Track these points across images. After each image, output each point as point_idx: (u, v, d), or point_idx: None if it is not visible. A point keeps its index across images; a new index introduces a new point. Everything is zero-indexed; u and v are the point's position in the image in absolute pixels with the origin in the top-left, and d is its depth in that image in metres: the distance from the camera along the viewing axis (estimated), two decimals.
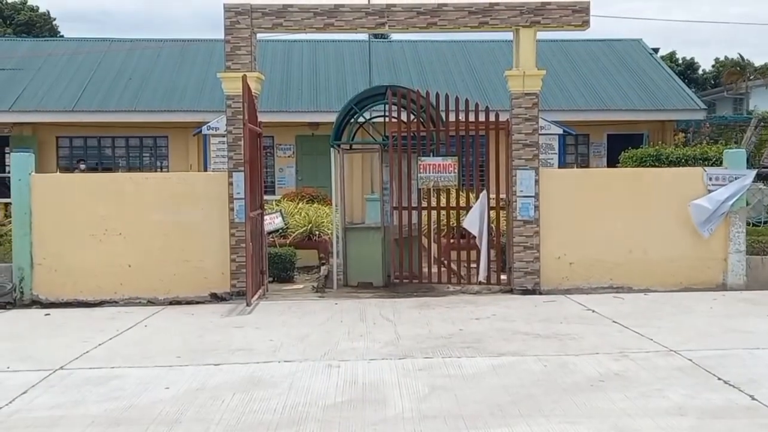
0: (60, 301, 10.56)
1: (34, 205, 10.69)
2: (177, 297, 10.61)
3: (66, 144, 24.17)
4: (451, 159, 11.27)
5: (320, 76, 25.20)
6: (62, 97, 23.11)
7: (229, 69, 10.87)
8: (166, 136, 24.27)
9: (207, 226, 10.81)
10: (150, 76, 24.71)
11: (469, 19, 10.93)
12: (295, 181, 23.65)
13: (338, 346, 7.73)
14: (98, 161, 24.28)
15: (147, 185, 11.01)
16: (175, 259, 10.74)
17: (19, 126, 23.09)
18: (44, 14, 45.69)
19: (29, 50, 26.06)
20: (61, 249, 10.69)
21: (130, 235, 10.75)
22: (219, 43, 26.02)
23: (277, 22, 10.94)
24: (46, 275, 10.66)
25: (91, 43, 27.11)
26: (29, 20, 44.12)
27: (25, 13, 44.52)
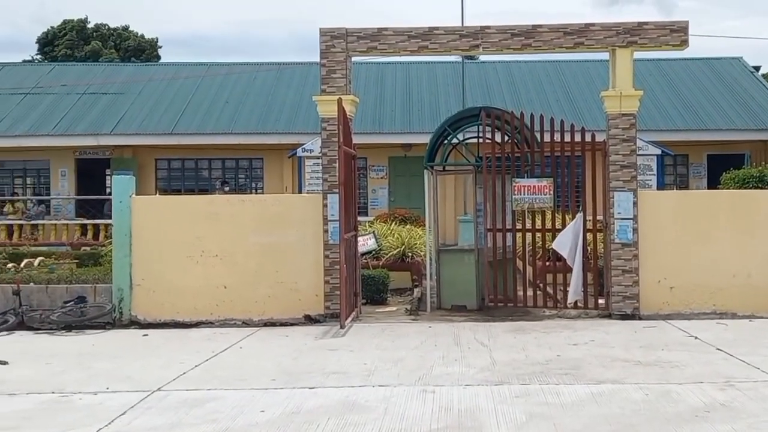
0: (158, 321, 10.74)
1: (134, 226, 10.93)
2: (271, 318, 10.65)
3: (164, 166, 24.92)
4: (547, 180, 11.00)
5: (413, 97, 25.25)
6: (161, 120, 23.87)
7: (325, 92, 10.93)
8: (262, 157, 24.73)
9: (301, 247, 10.84)
10: (246, 99, 25.29)
11: (564, 40, 10.70)
12: (387, 202, 23.67)
13: (433, 370, 7.58)
14: (195, 183, 24.91)
15: (243, 207, 11.13)
16: (269, 280, 10.79)
17: (120, 149, 23.97)
18: (151, 40, 47.66)
19: (131, 75, 27.08)
20: (159, 270, 10.89)
21: (226, 257, 10.87)
22: (314, 65, 26.56)
23: (371, 46, 10.96)
24: (144, 296, 10.87)
25: (190, 67, 27.98)
26: (137, 46, 46.09)
27: (133, 39, 46.52)
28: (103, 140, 23.21)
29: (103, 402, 6.68)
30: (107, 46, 44.57)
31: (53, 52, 44.02)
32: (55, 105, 24.52)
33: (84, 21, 46.00)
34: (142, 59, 42.77)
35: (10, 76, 26.87)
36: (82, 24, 45.70)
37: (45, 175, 24.62)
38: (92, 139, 23.15)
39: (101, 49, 43.21)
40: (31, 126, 23.40)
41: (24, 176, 25.03)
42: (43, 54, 45.19)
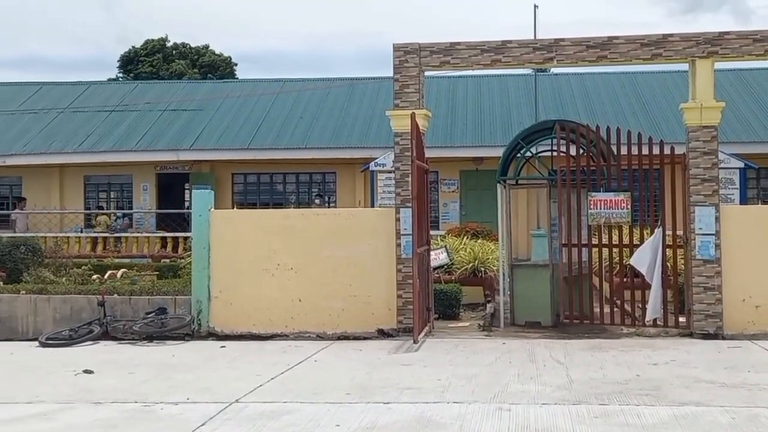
0: (234, 333, 10.94)
1: (212, 239, 11.17)
2: (345, 332, 10.73)
3: (241, 180, 25.42)
4: (624, 194, 10.80)
5: (485, 111, 25.15)
6: (238, 136, 24.39)
7: (398, 107, 10.99)
8: (334, 171, 24.98)
9: (374, 261, 10.89)
10: (319, 114, 25.62)
11: (642, 51, 10.52)
12: (459, 216, 23.58)
13: (508, 388, 7.50)
14: (270, 197, 25.34)
15: (317, 221, 11.26)
16: (343, 294, 10.88)
17: (198, 163, 24.58)
18: (226, 58, 48.91)
19: (209, 92, 27.77)
20: (236, 282, 11.09)
21: (300, 270, 11.00)
22: (385, 80, 26.76)
23: (444, 60, 10.98)
24: (221, 308, 11.09)
25: (265, 84, 28.52)
26: (212, 63, 47.33)
27: (209, 56, 47.80)
28: (182, 155, 23.85)
29: (184, 412, 6.83)
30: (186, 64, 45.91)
31: (135, 71, 45.56)
32: (137, 122, 25.35)
33: (164, 40, 47.49)
34: (217, 76, 43.83)
35: (96, 94, 27.88)
36: (162, 43, 47.20)
37: (128, 189, 25.42)
38: (172, 154, 23.82)
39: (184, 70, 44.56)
40: (115, 142, 24.23)
41: (108, 190, 25.85)
42: (126, 72, 46.79)
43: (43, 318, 11.13)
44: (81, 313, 11.05)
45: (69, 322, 10.95)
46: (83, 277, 12.88)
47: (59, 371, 8.65)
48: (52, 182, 24.80)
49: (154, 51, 46.60)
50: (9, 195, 25.36)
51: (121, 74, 47.12)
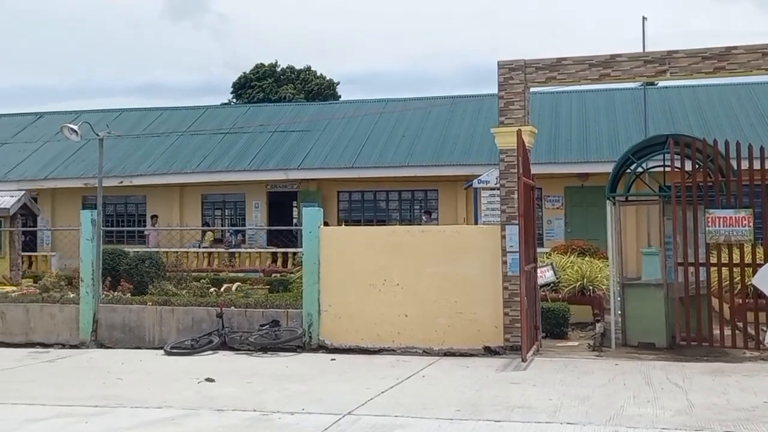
0: (343, 346, 11.19)
1: (321, 255, 11.49)
2: (451, 348, 10.80)
3: (346, 198, 25.94)
4: (745, 212, 10.42)
5: (590, 126, 24.77)
6: (343, 155, 24.91)
7: (503, 124, 11.04)
8: (436, 189, 25.14)
9: (480, 278, 10.93)
10: (421, 133, 25.85)
11: (763, 61, 10.17)
12: (563, 233, 23.27)
13: (624, 411, 7.35)
14: (374, 214, 25.72)
15: (423, 238, 11.40)
16: (449, 310, 10.96)
17: (306, 182, 25.26)
18: (330, 80, 50.14)
19: (315, 114, 28.51)
20: (344, 297, 11.36)
21: (407, 286, 11.16)
22: (486, 98, 26.77)
23: (550, 76, 10.97)
24: (331, 322, 11.37)
25: (369, 104, 29.03)
26: (318, 86, 48.61)
27: (313, 79, 49.09)
28: (291, 174, 24.59)
29: (300, 422, 7.07)
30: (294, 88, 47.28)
31: (247, 95, 47.24)
32: (249, 143, 26.31)
33: (275, 65, 49.11)
34: (322, 98, 44.89)
35: (212, 118, 29.13)
36: (273, 68, 48.80)
37: (241, 207, 26.39)
38: (282, 173, 24.59)
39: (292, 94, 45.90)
40: (229, 163, 25.24)
41: (223, 208, 26.93)
42: (238, 97, 48.59)
43: (168, 328, 11.73)
44: (201, 324, 11.59)
45: (190, 332, 11.51)
46: (202, 289, 13.47)
47: (184, 379, 9.12)
48: (173, 200, 26.09)
49: (265, 76, 48.22)
50: (135, 213, 26.79)
51: (234, 98, 48.94)
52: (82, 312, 12.13)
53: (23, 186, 23.19)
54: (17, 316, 12.40)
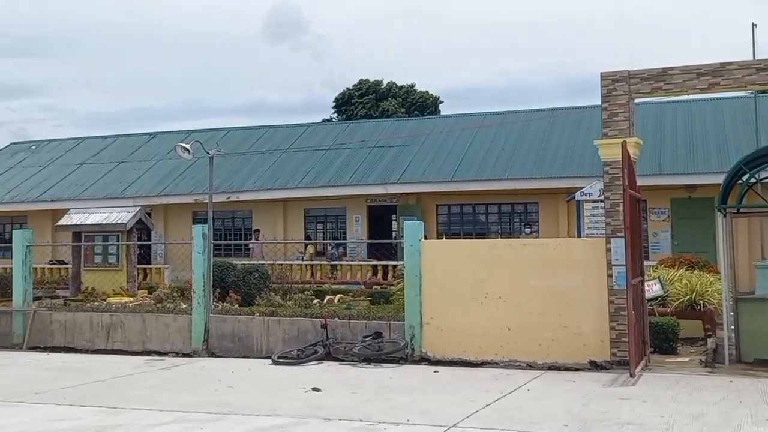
0: (446, 359, 11.25)
1: (423, 268, 11.61)
2: (555, 362, 10.71)
3: (444, 211, 26.03)
4: None
5: (696, 136, 24.04)
6: (442, 169, 25.03)
7: (606, 136, 10.90)
8: (536, 202, 24.91)
9: (584, 292, 10.81)
10: (520, 146, 25.70)
11: None
12: (670, 246, 22.62)
13: (741, 429, 7.15)
14: (473, 227, 25.70)
15: (524, 251, 11.36)
16: (552, 324, 10.87)
17: (405, 196, 25.50)
18: (432, 96, 50.59)
19: (414, 128, 28.77)
20: (445, 310, 11.43)
21: (509, 299, 11.14)
22: (586, 110, 26.40)
23: (656, 86, 10.77)
24: (433, 334, 11.46)
25: (467, 118, 29.07)
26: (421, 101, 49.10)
27: (417, 95, 49.61)
28: (390, 188, 24.90)
29: None
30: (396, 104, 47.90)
31: (349, 111, 48.12)
32: (350, 158, 26.81)
33: (379, 82, 49.90)
34: (423, 113, 45.22)
35: (313, 135, 29.84)
36: (376, 84, 49.59)
37: (342, 220, 26.90)
38: (381, 188, 24.94)
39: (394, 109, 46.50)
40: (330, 178, 25.79)
41: (324, 222, 27.50)
42: (339, 113, 49.57)
43: (274, 338, 12.11)
44: (306, 335, 11.91)
45: (296, 343, 11.83)
46: (305, 301, 13.81)
47: (291, 388, 9.40)
48: (277, 215, 26.86)
49: (368, 92, 49.03)
50: (242, 227, 27.68)
51: (336, 114, 49.95)
52: (195, 322, 12.65)
53: (138, 202, 24.40)
54: (135, 325, 13.05)
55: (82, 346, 13.31)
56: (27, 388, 9.74)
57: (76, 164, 30.67)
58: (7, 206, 28.04)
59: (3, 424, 7.73)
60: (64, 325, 13.52)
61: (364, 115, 44.99)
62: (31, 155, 32.67)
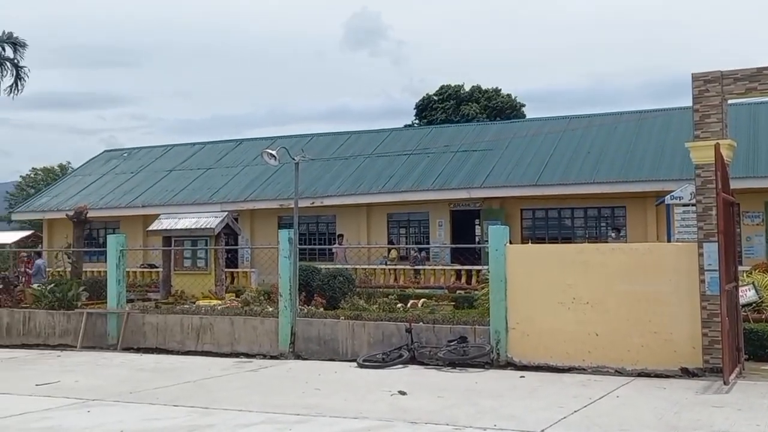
0: (531, 364, 11.14)
1: (508, 273, 11.52)
2: (645, 369, 10.47)
3: (529, 216, 25.75)
4: None
5: None
6: (526, 173, 24.79)
7: (698, 138, 10.62)
8: (624, 206, 24.40)
9: (675, 297, 10.54)
10: (607, 149, 25.23)
11: None
12: (764, 250, 21.80)
13: None
14: (558, 231, 25.34)
15: (612, 255, 11.16)
16: (641, 330, 10.64)
17: (489, 200, 25.36)
18: (514, 99, 50.21)
19: (497, 133, 28.57)
20: (531, 314, 11.32)
21: (596, 304, 10.95)
22: (675, 112, 25.75)
23: (750, 87, 10.44)
24: (518, 339, 11.36)
25: (552, 122, 28.70)
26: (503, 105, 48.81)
27: (499, 99, 49.32)
28: (474, 193, 24.85)
29: None
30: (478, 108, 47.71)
31: (429, 117, 48.17)
32: (433, 163, 26.84)
33: (459, 87, 49.83)
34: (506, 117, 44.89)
35: (396, 140, 30.02)
36: (457, 89, 49.53)
37: (425, 225, 26.95)
38: (465, 192, 24.92)
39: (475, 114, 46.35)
40: (413, 183, 25.90)
41: (407, 226, 27.66)
42: (420, 118, 49.70)
43: (359, 341, 12.22)
44: (391, 338, 11.98)
45: (381, 346, 11.92)
46: (389, 305, 13.90)
47: (377, 391, 9.48)
48: (360, 219, 27.13)
49: (449, 97, 48.99)
50: (326, 231, 28.09)
51: (417, 120, 50.11)
52: (281, 325, 12.89)
53: (226, 207, 25.01)
54: (224, 327, 13.38)
55: (173, 347, 13.71)
56: (122, 388, 10.11)
57: (165, 171, 31.69)
58: (101, 212, 29.12)
59: (101, 422, 8.04)
60: (156, 327, 13.97)
61: (445, 120, 44.93)
62: (123, 162, 33.92)
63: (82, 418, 8.32)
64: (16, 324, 15.21)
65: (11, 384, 10.61)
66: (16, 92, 20.24)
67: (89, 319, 14.54)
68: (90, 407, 8.88)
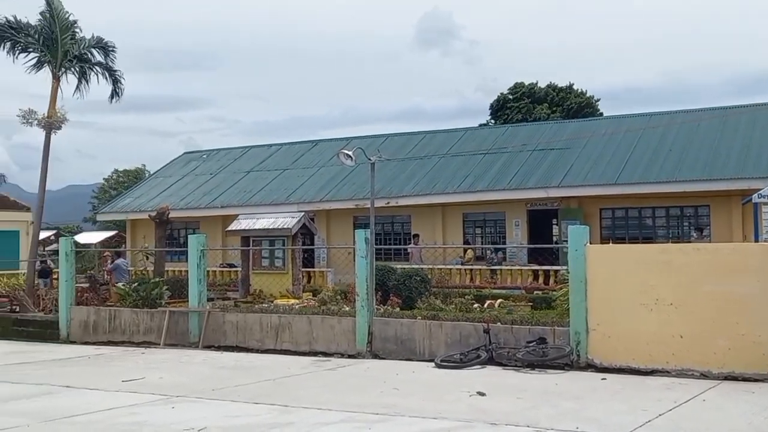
0: (613, 366, 10.89)
1: (588, 273, 11.29)
2: (732, 372, 10.11)
3: (608, 215, 25.23)
4: None
5: None
6: (605, 172, 24.30)
7: None
8: (708, 204, 23.67)
9: (764, 299, 10.15)
10: (689, 147, 24.54)
11: None
12: None
13: None
14: (639, 231, 24.75)
15: (696, 256, 10.82)
16: (728, 332, 10.28)
17: (566, 200, 24.96)
18: (590, 97, 49.33)
19: (575, 131, 28.09)
20: (612, 316, 11.06)
21: (680, 306, 10.63)
22: (761, 108, 24.86)
23: None
24: (599, 340, 11.12)
25: (630, 119, 28.08)
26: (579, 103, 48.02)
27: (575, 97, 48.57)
28: (551, 192, 24.52)
29: None
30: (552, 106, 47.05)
31: (504, 116, 47.76)
32: (508, 162, 26.58)
33: (534, 85, 49.28)
34: (582, 115, 44.14)
35: (470, 139, 29.86)
36: (531, 88, 48.99)
37: (501, 225, 26.70)
38: (542, 191, 24.62)
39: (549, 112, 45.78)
40: (489, 182, 25.71)
41: (483, 226, 27.45)
42: (495, 118, 49.32)
43: (436, 341, 12.18)
44: (468, 339, 11.90)
45: (458, 346, 11.85)
46: (466, 305, 13.83)
47: (455, 391, 9.42)
48: (435, 219, 27.05)
49: (522, 96, 48.50)
50: (401, 231, 28.15)
51: (491, 120, 49.76)
52: (359, 324, 12.95)
53: (302, 208, 25.32)
54: (302, 326, 13.53)
55: (252, 345, 13.94)
56: (205, 385, 10.33)
57: (244, 172, 32.27)
58: (182, 212, 29.82)
59: (185, 418, 8.22)
60: (236, 325, 14.22)
61: (520, 119, 44.47)
62: (203, 164, 34.70)
63: (167, 414, 8.55)
64: (102, 321, 15.73)
65: (99, 380, 10.97)
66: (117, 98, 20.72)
67: (172, 317, 14.91)
68: (174, 403, 9.11)
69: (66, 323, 16.12)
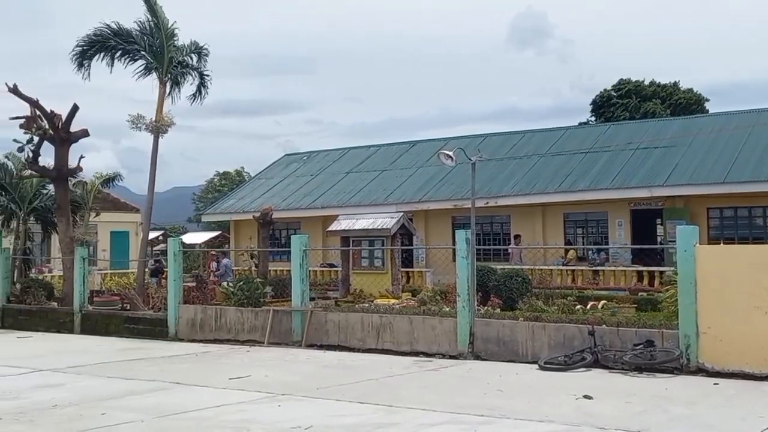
0: (725, 371, 10.48)
1: (697, 275, 10.91)
2: None
3: (716, 215, 24.31)
4: None
5: None
6: (712, 170, 23.46)
7: None
8: None
9: None
10: None
11: None
12: None
13: None
14: (749, 232, 23.76)
15: None
16: None
17: (671, 199, 24.19)
18: (697, 94, 47.60)
19: (680, 129, 27.22)
20: (724, 318, 10.65)
21: None
22: None
23: None
24: (710, 344, 10.72)
25: (739, 116, 27.00)
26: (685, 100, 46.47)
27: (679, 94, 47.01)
28: (655, 191, 23.83)
29: None
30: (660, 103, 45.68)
31: (608, 113, 46.61)
32: (611, 161, 25.99)
33: (640, 82, 47.95)
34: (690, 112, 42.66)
35: (570, 138, 29.35)
36: (637, 84, 47.68)
37: (603, 225, 26.17)
38: (645, 191, 23.95)
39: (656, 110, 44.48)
40: (590, 182, 25.23)
41: (585, 226, 27.01)
42: (597, 115, 48.21)
43: (539, 343, 12.01)
44: (572, 341, 11.69)
45: (562, 349, 11.65)
46: (568, 306, 13.57)
47: (560, 394, 9.28)
48: (535, 219, 26.73)
49: (628, 93, 47.24)
50: (500, 231, 27.96)
51: (593, 117, 48.68)
52: (460, 325, 12.90)
53: (401, 208, 25.44)
54: (403, 326, 13.58)
55: (354, 345, 14.06)
56: (309, 383, 10.49)
57: (343, 173, 32.70)
58: (283, 213, 30.40)
59: (291, 416, 8.37)
60: (338, 324, 14.39)
61: (627, 117, 43.27)
62: (303, 165, 35.33)
63: (274, 412, 8.72)
64: (208, 320, 16.20)
65: (208, 377, 11.30)
66: (200, 99, 21.43)
67: (275, 316, 15.23)
68: (280, 401, 9.30)
69: (174, 321, 16.67)
